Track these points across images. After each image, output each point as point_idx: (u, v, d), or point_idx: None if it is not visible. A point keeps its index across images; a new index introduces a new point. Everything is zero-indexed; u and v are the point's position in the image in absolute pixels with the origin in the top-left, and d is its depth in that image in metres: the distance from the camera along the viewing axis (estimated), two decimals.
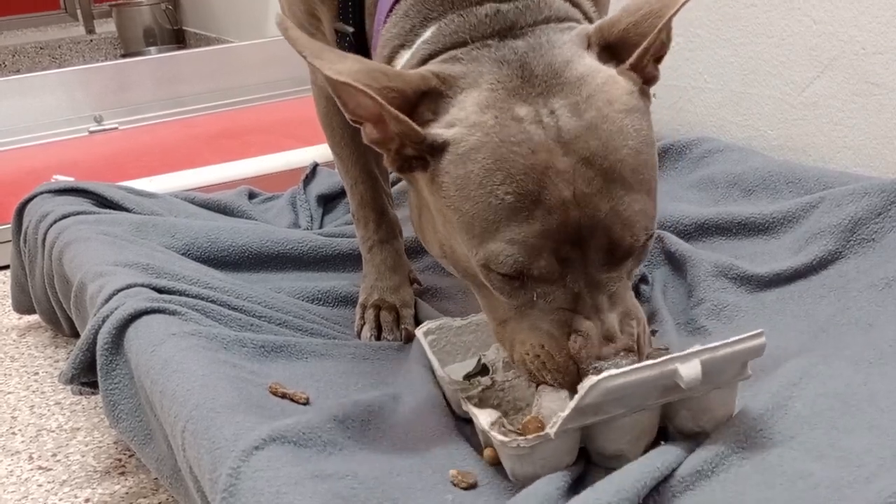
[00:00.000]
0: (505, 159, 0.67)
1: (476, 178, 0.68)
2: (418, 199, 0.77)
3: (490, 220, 0.68)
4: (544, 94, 0.69)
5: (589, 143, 0.67)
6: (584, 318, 0.69)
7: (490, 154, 0.67)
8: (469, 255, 0.71)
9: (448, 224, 0.71)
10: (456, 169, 0.69)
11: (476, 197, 0.68)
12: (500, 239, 0.67)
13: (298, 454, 0.68)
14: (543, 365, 0.71)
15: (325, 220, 1.39)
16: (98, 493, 1.04)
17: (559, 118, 0.68)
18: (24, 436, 1.18)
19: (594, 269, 0.69)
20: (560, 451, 0.67)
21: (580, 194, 0.67)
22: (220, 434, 0.68)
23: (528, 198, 0.66)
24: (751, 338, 0.68)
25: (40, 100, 2.30)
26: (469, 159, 0.68)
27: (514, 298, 0.71)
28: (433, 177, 0.71)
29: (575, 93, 0.69)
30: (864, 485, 0.62)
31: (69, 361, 0.94)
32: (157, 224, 1.20)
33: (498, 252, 0.68)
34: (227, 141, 2.11)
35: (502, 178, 0.67)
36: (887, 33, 1.15)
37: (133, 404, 0.88)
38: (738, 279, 0.99)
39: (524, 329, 0.71)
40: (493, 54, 0.71)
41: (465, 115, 0.69)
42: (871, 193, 1.02)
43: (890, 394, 0.73)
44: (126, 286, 0.95)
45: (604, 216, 0.67)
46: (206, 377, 0.77)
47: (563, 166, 0.67)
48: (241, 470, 0.64)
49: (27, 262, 1.32)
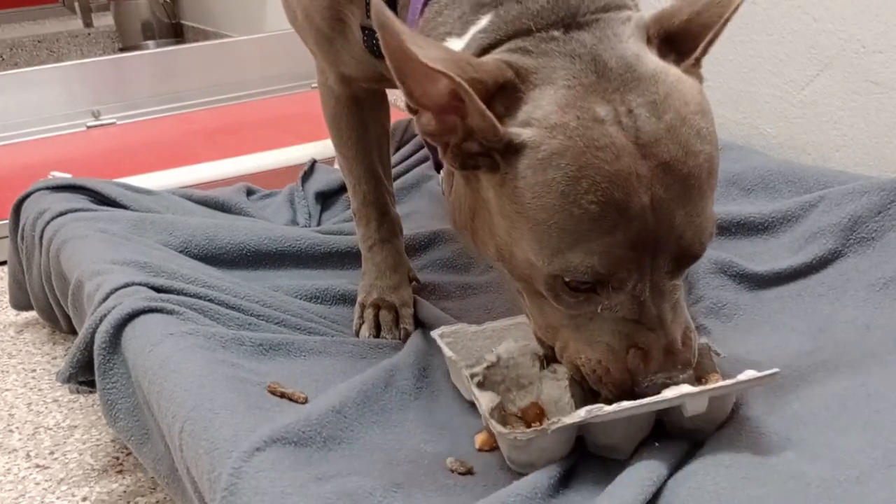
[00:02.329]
0: (590, 165, 0.63)
1: (558, 187, 0.64)
2: (473, 197, 0.72)
3: (570, 231, 0.64)
4: (621, 91, 0.65)
5: (669, 146, 0.65)
6: (648, 330, 0.68)
7: (574, 160, 0.63)
8: (537, 263, 0.67)
9: (515, 230, 0.68)
10: (535, 175, 0.65)
11: (557, 206, 0.64)
12: (579, 249, 0.65)
13: (299, 454, 0.68)
14: (599, 379, 0.70)
15: (323, 218, 1.38)
16: (96, 492, 1.04)
17: (637, 118, 0.64)
18: (21, 433, 1.17)
19: (660, 276, 0.67)
20: (556, 444, 0.68)
21: (658, 200, 0.64)
22: (219, 434, 0.68)
23: (612, 207, 0.63)
24: (765, 377, 0.68)
25: (38, 94, 2.30)
26: (551, 165, 0.64)
27: (575, 309, 0.68)
28: (504, 180, 0.67)
29: (652, 91, 0.66)
30: (855, 485, 0.62)
31: (67, 360, 0.94)
32: (155, 221, 1.19)
33: (577, 263, 0.65)
34: (225, 136, 2.10)
35: (587, 186, 0.63)
36: (887, 32, 1.15)
37: (130, 404, 0.88)
38: (738, 277, 0.99)
39: (580, 340, 0.70)
40: (562, 48, 0.67)
41: (544, 115, 0.65)
42: (870, 192, 1.02)
43: (887, 394, 0.73)
44: (123, 285, 0.94)
45: (678, 223, 0.65)
46: (203, 377, 0.77)
47: (643, 171, 0.64)
48: (242, 470, 0.64)
49: (24, 259, 1.32)
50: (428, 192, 1.41)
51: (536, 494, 0.64)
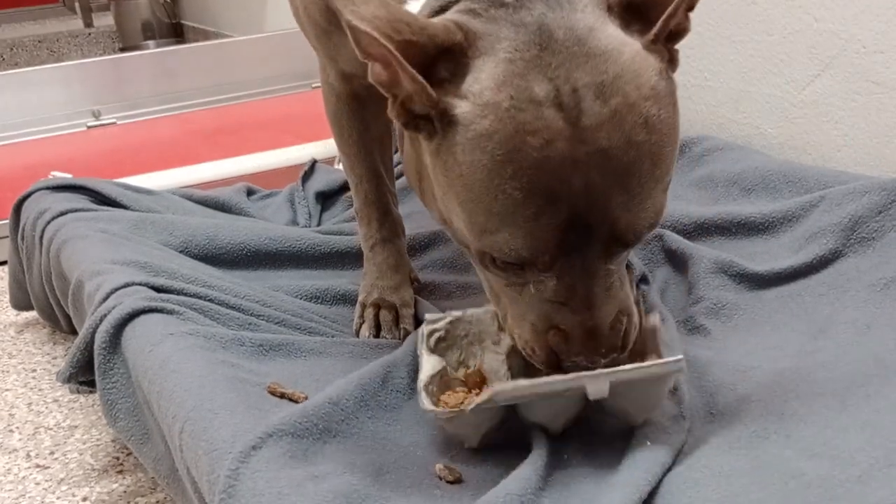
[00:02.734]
0: (517, 150, 0.61)
1: (484, 169, 0.62)
2: (418, 160, 0.71)
3: (495, 213, 0.63)
4: (566, 66, 0.62)
5: (611, 134, 0.62)
6: (572, 312, 0.67)
7: (501, 144, 0.61)
8: (468, 237, 0.67)
9: (448, 200, 0.67)
10: (464, 153, 0.63)
11: (482, 188, 0.63)
12: (504, 232, 0.63)
13: (296, 448, 0.68)
14: (529, 354, 0.70)
15: (323, 218, 1.38)
16: (96, 492, 1.04)
17: (581, 100, 0.62)
18: (21, 433, 1.17)
19: (592, 259, 0.65)
20: (478, 420, 0.71)
21: (592, 186, 0.62)
22: (218, 435, 0.68)
23: (538, 193, 0.62)
24: (667, 364, 0.68)
25: (38, 94, 2.30)
26: (478, 147, 0.62)
27: (506, 279, 0.69)
28: (438, 149, 0.65)
29: (601, 70, 0.62)
30: (856, 484, 0.62)
31: (67, 360, 0.94)
32: (155, 221, 1.19)
33: (501, 244, 0.64)
34: (225, 137, 2.10)
35: (513, 171, 0.61)
36: (888, 32, 1.15)
37: (131, 404, 0.88)
38: (738, 276, 0.99)
39: (514, 315, 0.71)
40: (510, 15, 0.64)
41: (479, 90, 0.63)
42: (871, 192, 1.02)
43: (887, 394, 0.73)
44: (124, 284, 0.94)
45: (612, 210, 0.63)
46: (203, 377, 0.77)
47: (578, 156, 0.61)
48: (239, 471, 0.64)
49: (25, 259, 1.32)
50: None
51: (527, 491, 0.64)
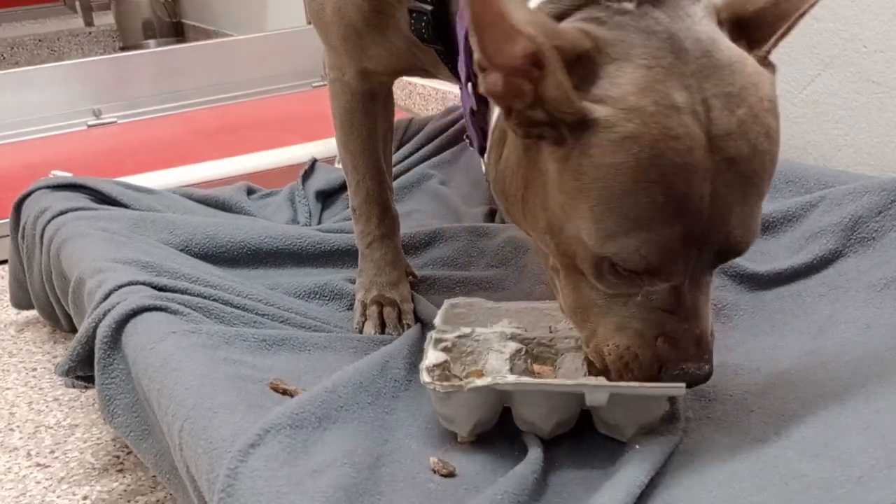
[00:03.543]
0: (663, 155, 0.61)
1: (627, 172, 0.62)
2: (529, 167, 0.69)
3: (630, 217, 0.63)
4: (698, 77, 0.63)
5: (738, 143, 0.63)
6: (680, 321, 0.67)
7: (648, 147, 0.61)
8: (588, 242, 0.65)
9: (571, 206, 0.65)
10: (604, 156, 0.62)
11: (622, 190, 0.62)
12: (636, 237, 0.63)
13: (294, 439, 0.68)
14: (626, 365, 0.69)
15: (323, 216, 1.38)
16: (96, 491, 1.04)
17: (711, 109, 0.62)
18: (22, 432, 1.17)
19: (702, 269, 0.66)
20: (473, 404, 0.72)
21: (717, 195, 0.63)
22: (217, 434, 0.68)
23: (676, 199, 0.62)
24: (668, 388, 0.69)
25: (38, 93, 2.30)
26: (623, 149, 0.61)
27: (614, 290, 0.68)
28: (569, 155, 0.64)
29: (728, 81, 0.63)
30: (856, 485, 0.62)
31: (67, 354, 0.94)
32: (156, 220, 1.19)
33: (632, 250, 0.63)
34: (225, 136, 2.11)
35: (657, 176, 0.61)
36: (889, 31, 1.15)
37: (130, 400, 0.88)
38: (738, 277, 0.99)
39: (610, 325, 0.69)
40: (637, 22, 0.64)
41: (621, 95, 0.62)
42: (871, 192, 1.01)
43: (887, 395, 0.73)
44: (126, 283, 0.94)
45: (732, 220, 0.64)
46: (204, 376, 0.77)
47: (710, 164, 0.62)
48: (238, 470, 0.64)
49: (25, 258, 1.32)
50: (428, 191, 1.41)
51: (524, 491, 0.64)
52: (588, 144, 0.63)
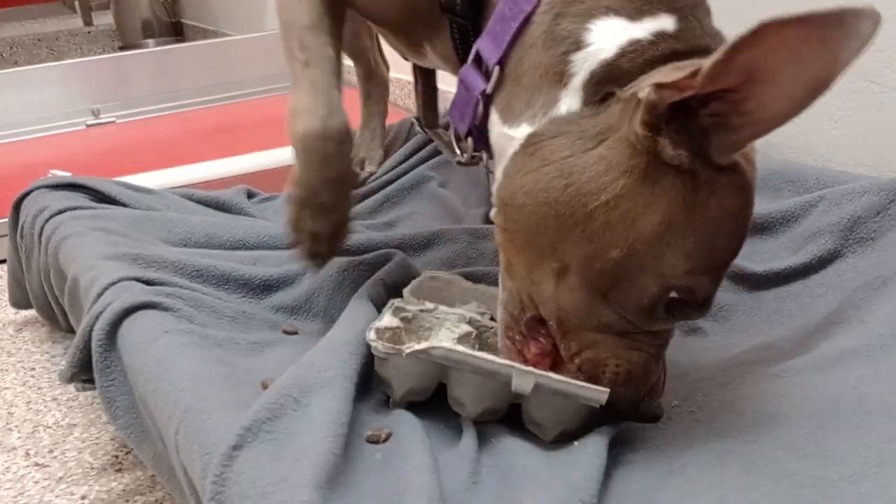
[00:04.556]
0: (750, 204, 0.69)
1: (737, 216, 0.68)
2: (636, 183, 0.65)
3: (717, 257, 0.68)
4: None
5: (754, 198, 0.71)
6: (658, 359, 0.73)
7: (751, 195, 0.69)
8: (666, 272, 0.67)
9: (671, 234, 0.66)
10: (727, 198, 0.66)
11: (726, 232, 0.68)
12: (712, 275, 0.68)
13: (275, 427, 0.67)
14: (625, 383, 0.71)
15: None
16: (95, 490, 1.04)
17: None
18: (20, 432, 1.17)
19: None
20: (410, 371, 0.73)
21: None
22: (209, 438, 0.67)
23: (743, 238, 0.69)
24: (594, 391, 0.70)
25: (37, 93, 2.30)
26: (741, 194, 0.67)
27: (646, 321, 0.70)
28: (698, 188, 0.65)
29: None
30: (848, 484, 0.62)
31: (67, 360, 0.94)
32: (154, 219, 1.19)
33: (701, 284, 0.68)
34: (225, 136, 2.10)
35: (743, 222, 0.69)
36: (888, 31, 1.14)
37: (129, 401, 0.88)
38: (736, 277, 0.99)
39: (620, 345, 0.71)
40: None
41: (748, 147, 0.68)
42: (870, 192, 1.01)
43: (881, 396, 0.73)
44: (117, 280, 0.94)
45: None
46: (198, 375, 0.76)
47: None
48: (224, 476, 0.63)
49: (24, 257, 1.32)
50: (428, 192, 1.41)
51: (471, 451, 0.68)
52: (719, 184, 0.66)
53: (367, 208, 1.38)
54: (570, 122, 0.69)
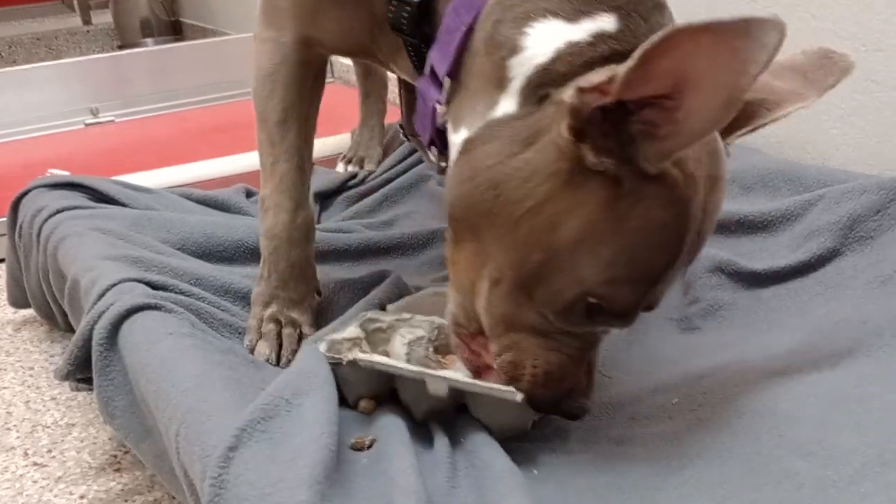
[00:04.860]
0: (693, 222, 0.66)
1: (669, 231, 0.65)
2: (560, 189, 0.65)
3: (642, 270, 0.66)
4: (709, 155, 0.67)
5: (709, 224, 0.69)
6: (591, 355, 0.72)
7: (688, 213, 0.65)
8: (587, 278, 0.65)
9: (592, 242, 0.65)
10: (655, 210, 0.64)
11: (651, 246, 0.65)
12: (635, 287, 0.66)
13: (271, 427, 0.67)
14: (544, 383, 0.71)
15: (322, 218, 1.38)
16: (93, 490, 1.04)
17: (706, 189, 0.67)
18: (19, 431, 1.17)
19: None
20: (355, 379, 0.77)
21: (684, 263, 0.69)
22: (209, 441, 0.67)
23: (674, 262, 0.66)
24: (506, 391, 0.72)
25: (36, 92, 2.29)
26: (674, 210, 0.64)
27: (568, 324, 0.69)
28: (620, 197, 0.63)
29: (717, 165, 0.68)
30: (849, 484, 0.62)
31: (64, 357, 0.93)
32: (153, 219, 1.19)
33: (622, 295, 0.66)
34: (224, 135, 2.10)
35: (679, 237, 0.66)
36: (887, 30, 1.15)
37: (128, 401, 0.87)
38: (735, 275, 0.99)
39: (542, 346, 0.70)
40: None
41: (685, 158, 0.64)
42: (869, 191, 1.01)
43: (880, 394, 0.73)
44: (119, 281, 0.94)
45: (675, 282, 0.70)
46: (200, 377, 0.76)
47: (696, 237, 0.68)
48: (222, 478, 0.63)
49: (22, 257, 1.32)
50: (427, 191, 1.41)
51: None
52: (645, 195, 0.63)
53: (366, 207, 1.38)
54: (503, 125, 0.69)
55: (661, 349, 0.90)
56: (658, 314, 0.94)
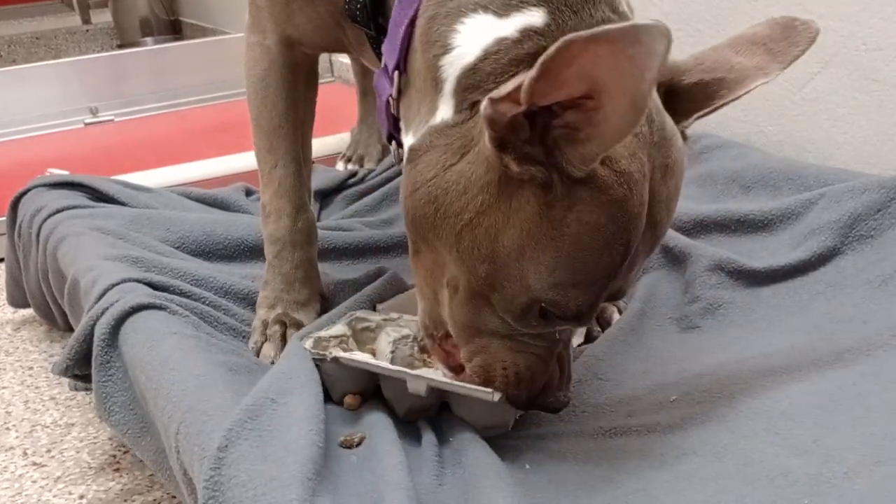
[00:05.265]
0: (633, 221, 0.64)
1: (606, 233, 0.63)
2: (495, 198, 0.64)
3: (586, 272, 0.64)
4: (655, 146, 0.65)
5: (662, 211, 0.67)
6: (563, 347, 0.72)
7: (627, 214, 0.63)
8: (533, 285, 0.65)
9: (532, 250, 0.64)
10: (590, 214, 0.62)
11: (593, 248, 0.63)
12: (582, 290, 0.65)
13: (259, 425, 0.67)
14: (518, 382, 0.71)
15: (322, 216, 1.38)
16: (93, 490, 1.04)
17: (654, 179, 0.65)
18: (18, 431, 1.17)
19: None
20: (340, 375, 0.78)
21: (636, 255, 0.67)
22: (209, 441, 0.67)
23: (623, 260, 0.65)
24: (483, 391, 0.72)
25: (36, 91, 2.29)
26: (607, 212, 0.62)
27: (527, 327, 0.68)
28: (553, 203, 0.62)
29: (667, 153, 0.66)
30: (843, 480, 0.63)
31: (64, 352, 0.93)
32: (152, 217, 1.19)
33: (570, 299, 0.65)
34: (223, 134, 2.10)
35: (624, 240, 0.64)
36: (888, 29, 1.15)
37: (127, 398, 0.87)
38: (735, 273, 0.99)
39: (507, 348, 0.70)
40: None
41: (617, 157, 0.62)
42: (870, 190, 1.02)
43: (878, 393, 0.73)
44: (120, 280, 0.94)
45: (635, 274, 0.70)
46: (201, 377, 0.76)
47: (647, 229, 0.66)
48: (215, 480, 0.63)
49: (21, 256, 1.32)
50: None
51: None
52: (577, 198, 0.62)
53: (366, 206, 1.38)
54: (440, 134, 0.68)
55: (661, 348, 0.90)
56: (658, 313, 0.95)
